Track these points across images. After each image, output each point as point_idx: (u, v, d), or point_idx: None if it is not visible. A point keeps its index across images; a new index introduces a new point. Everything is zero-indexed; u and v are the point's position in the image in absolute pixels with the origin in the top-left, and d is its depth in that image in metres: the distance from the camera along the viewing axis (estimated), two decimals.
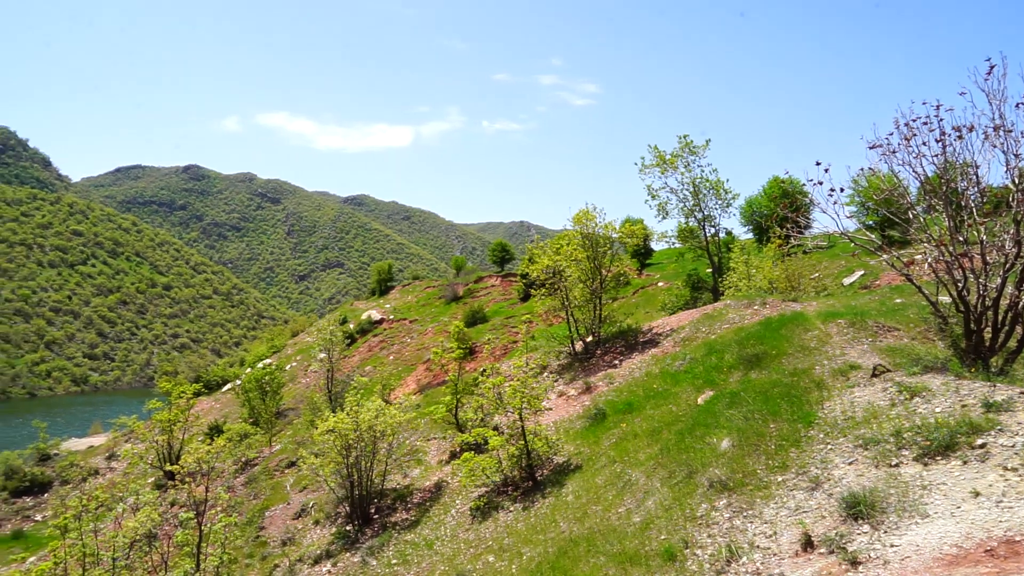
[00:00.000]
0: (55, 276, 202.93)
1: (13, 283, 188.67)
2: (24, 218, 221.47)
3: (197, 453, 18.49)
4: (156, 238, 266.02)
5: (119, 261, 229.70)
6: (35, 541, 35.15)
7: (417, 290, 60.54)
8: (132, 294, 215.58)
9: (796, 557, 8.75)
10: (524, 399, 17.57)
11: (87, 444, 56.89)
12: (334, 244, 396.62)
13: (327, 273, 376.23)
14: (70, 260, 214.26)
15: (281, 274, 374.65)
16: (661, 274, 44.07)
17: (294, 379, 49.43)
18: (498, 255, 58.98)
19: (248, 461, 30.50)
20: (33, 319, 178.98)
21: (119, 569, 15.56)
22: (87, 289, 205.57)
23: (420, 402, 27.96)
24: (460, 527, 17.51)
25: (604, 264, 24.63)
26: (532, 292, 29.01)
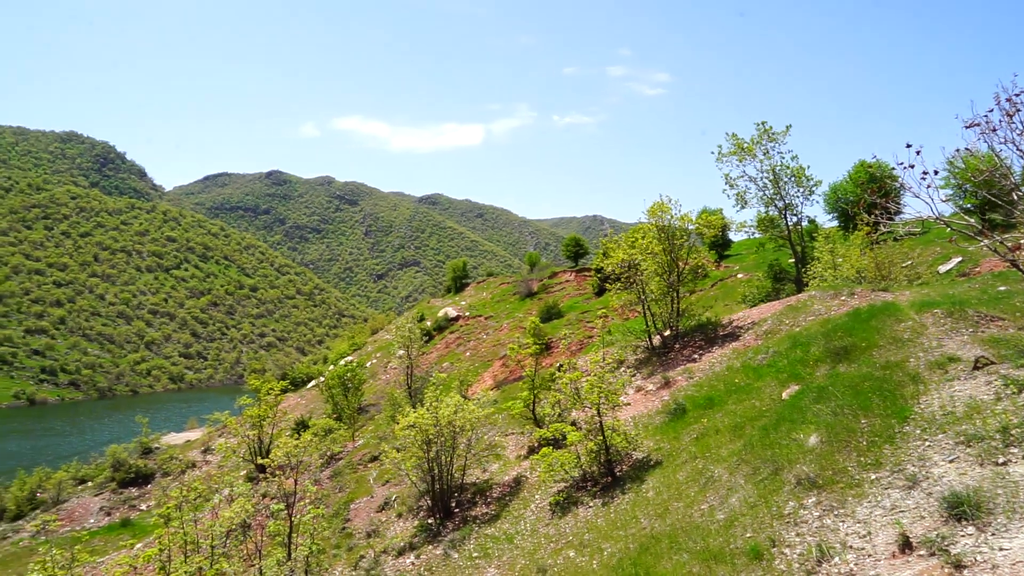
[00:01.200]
0: (152, 280, 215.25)
1: (116, 287, 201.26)
2: (124, 226, 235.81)
3: (286, 447, 19.20)
4: (242, 242, 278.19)
5: (209, 265, 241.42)
6: (141, 529, 37.42)
7: (492, 287, 61.01)
8: (222, 296, 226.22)
9: (893, 559, 8.35)
10: (602, 394, 17.43)
11: (184, 438, 60.14)
12: (410, 243, 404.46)
13: (404, 272, 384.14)
14: (165, 265, 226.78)
15: (360, 274, 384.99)
16: (740, 265, 42.86)
17: (374, 375, 50.70)
18: (572, 250, 58.69)
19: (333, 455, 31.49)
20: (134, 321, 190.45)
21: (217, 556, 16.35)
22: (181, 292, 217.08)
23: (497, 398, 28.18)
24: (540, 522, 17.55)
25: (681, 256, 24.14)
26: (607, 286, 28.76)
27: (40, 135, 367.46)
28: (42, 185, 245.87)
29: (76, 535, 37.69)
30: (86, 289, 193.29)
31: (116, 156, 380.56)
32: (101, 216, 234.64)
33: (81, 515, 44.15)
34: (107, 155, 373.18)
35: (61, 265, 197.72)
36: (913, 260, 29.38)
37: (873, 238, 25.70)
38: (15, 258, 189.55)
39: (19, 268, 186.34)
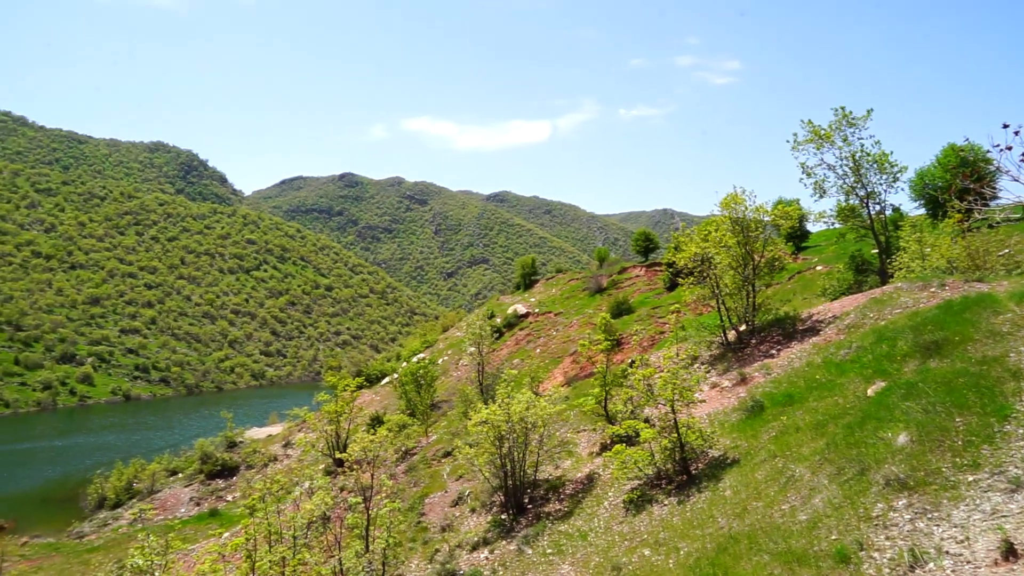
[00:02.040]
0: (234, 281, 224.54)
1: (201, 288, 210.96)
2: (207, 230, 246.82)
3: (362, 442, 19.67)
4: (318, 243, 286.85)
5: (287, 266, 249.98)
6: (227, 519, 39.12)
7: (561, 283, 60.83)
8: (299, 295, 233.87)
9: (995, 566, 7.86)
10: (676, 391, 17.12)
11: (266, 433, 62.47)
12: (479, 241, 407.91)
13: (473, 269, 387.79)
14: (246, 266, 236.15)
15: (430, 272, 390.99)
16: (819, 257, 41.30)
17: (446, 372, 51.36)
18: (641, 244, 57.90)
19: (408, 450, 32.10)
20: (218, 320, 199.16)
21: (299, 547, 16.92)
22: (261, 292, 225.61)
23: (568, 394, 28.08)
24: (614, 519, 17.40)
25: (756, 249, 23.42)
26: (679, 281, 28.20)
27: (131, 146, 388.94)
28: (133, 193, 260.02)
29: (169, 523, 39.72)
30: (174, 291, 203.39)
31: (199, 164, 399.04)
32: (186, 221, 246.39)
33: (173, 504, 46.52)
34: (191, 163, 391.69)
35: (151, 268, 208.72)
36: (1011, 248, 27.61)
37: (965, 226, 24.29)
38: (110, 263, 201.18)
39: (114, 272, 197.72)
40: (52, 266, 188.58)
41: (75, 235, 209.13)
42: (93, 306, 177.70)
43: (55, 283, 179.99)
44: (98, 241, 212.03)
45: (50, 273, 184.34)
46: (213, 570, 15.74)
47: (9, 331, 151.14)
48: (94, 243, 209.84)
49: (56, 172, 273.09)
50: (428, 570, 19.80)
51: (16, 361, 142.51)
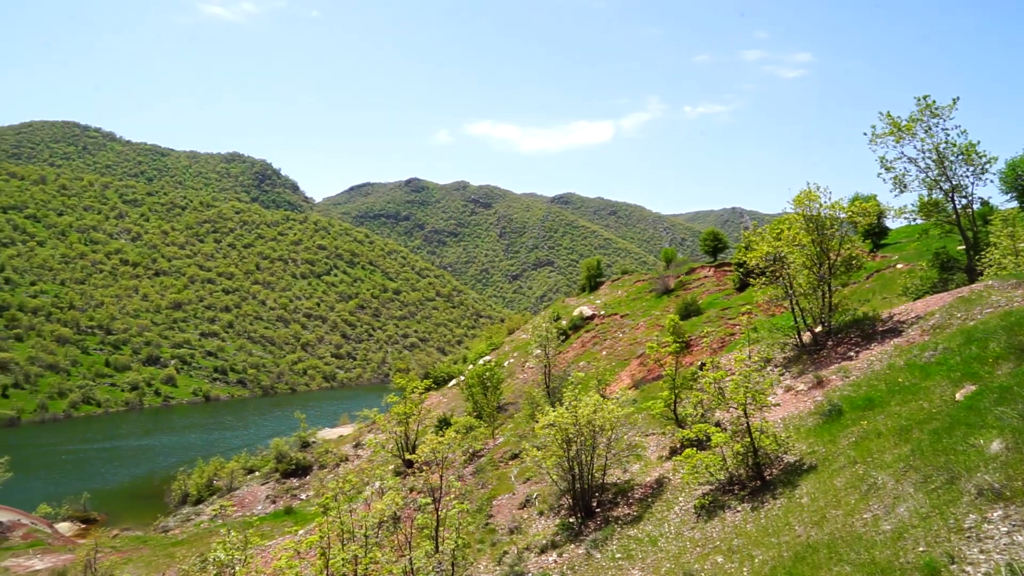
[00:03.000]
0: (306, 286, 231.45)
1: (275, 293, 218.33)
2: (280, 237, 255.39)
3: (431, 444, 19.89)
4: (385, 247, 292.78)
5: (356, 270, 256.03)
6: (302, 516, 40.26)
7: (627, 284, 60.15)
8: (368, 299, 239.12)
9: None
10: (748, 394, 16.66)
11: (337, 434, 64.04)
12: (543, 243, 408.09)
13: (538, 272, 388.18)
14: (317, 271, 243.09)
15: (495, 275, 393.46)
16: (900, 255, 39.49)
17: (512, 375, 51.50)
18: (710, 244, 56.64)
19: (475, 452, 32.31)
20: (291, 324, 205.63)
21: (371, 545, 17.21)
22: (331, 296, 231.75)
23: (636, 397, 27.71)
24: (684, 525, 17.06)
25: (832, 247, 22.57)
26: (750, 281, 27.42)
27: (209, 157, 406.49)
28: (211, 202, 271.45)
29: (248, 520, 41.20)
30: (250, 296, 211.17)
31: (272, 173, 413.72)
32: (261, 228, 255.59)
33: (250, 502, 48.21)
34: (265, 172, 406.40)
35: (228, 274, 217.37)
36: None
37: None
38: (191, 269, 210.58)
39: (194, 278, 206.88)
40: (138, 273, 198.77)
41: (159, 243, 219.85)
42: (175, 311, 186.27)
43: (141, 289, 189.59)
44: (179, 249, 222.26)
45: (136, 280, 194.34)
46: (289, 566, 16.19)
47: (100, 335, 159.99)
48: (176, 251, 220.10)
49: (141, 184, 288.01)
50: (496, 572, 19.86)
51: (106, 363, 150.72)
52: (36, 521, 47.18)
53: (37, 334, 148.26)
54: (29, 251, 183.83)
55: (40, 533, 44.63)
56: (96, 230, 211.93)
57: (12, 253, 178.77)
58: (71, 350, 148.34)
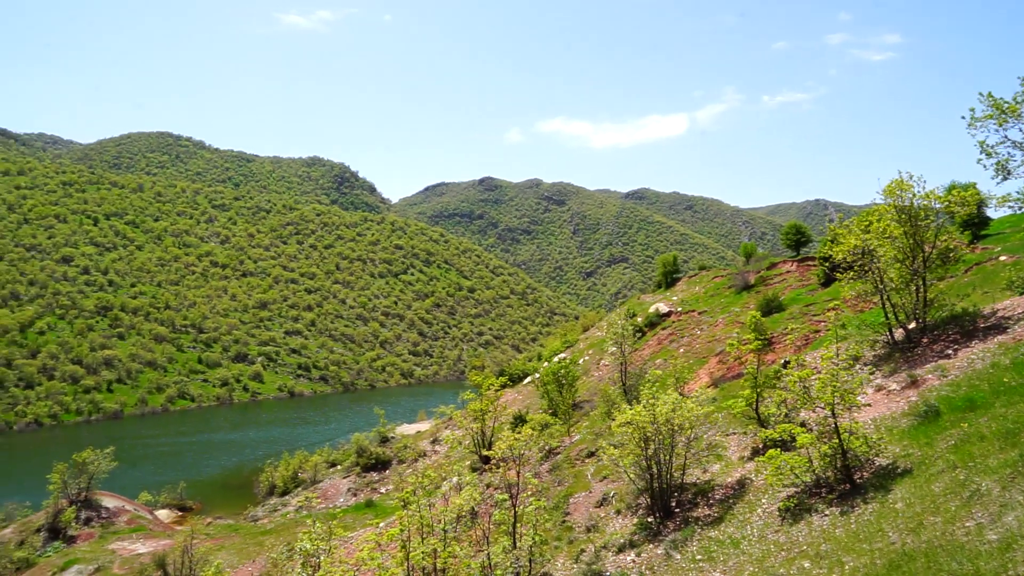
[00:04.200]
0: (384, 285, 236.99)
1: (354, 292, 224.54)
2: (359, 237, 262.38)
3: (508, 440, 20.00)
4: (460, 246, 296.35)
5: (431, 269, 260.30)
6: (382, 510, 41.25)
7: (704, 280, 58.79)
8: (443, 298, 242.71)
9: None
10: (836, 393, 15.98)
11: (415, 429, 65.27)
12: (617, 240, 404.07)
13: (612, 268, 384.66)
14: (394, 270, 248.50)
15: (569, 272, 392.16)
16: (1003, 246, 36.97)
17: (587, 372, 51.19)
18: (792, 238, 54.60)
19: (551, 450, 32.28)
20: (370, 322, 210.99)
21: (449, 540, 17.47)
22: (408, 295, 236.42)
23: (716, 396, 27.05)
24: (768, 528, 16.52)
25: (926, 239, 21.36)
26: (836, 276, 26.31)
27: (290, 162, 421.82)
28: (293, 205, 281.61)
29: (331, 512, 42.46)
30: (330, 295, 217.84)
31: (351, 175, 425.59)
32: (340, 229, 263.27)
33: (333, 494, 49.73)
34: (343, 175, 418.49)
35: (310, 274, 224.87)
36: None
37: None
38: (275, 270, 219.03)
39: (279, 278, 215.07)
40: (227, 274, 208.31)
41: (245, 245, 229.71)
42: (261, 310, 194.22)
43: (230, 290, 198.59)
44: (264, 250, 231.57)
45: (225, 281, 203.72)
46: (371, 557, 16.62)
47: (193, 333, 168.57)
48: (261, 252, 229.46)
49: (228, 189, 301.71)
50: (574, 570, 19.77)
51: (199, 360, 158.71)
52: (138, 507, 50.17)
53: (137, 333, 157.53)
54: (129, 255, 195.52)
55: (142, 519, 47.43)
56: (188, 234, 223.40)
57: (114, 257, 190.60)
58: (167, 348, 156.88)
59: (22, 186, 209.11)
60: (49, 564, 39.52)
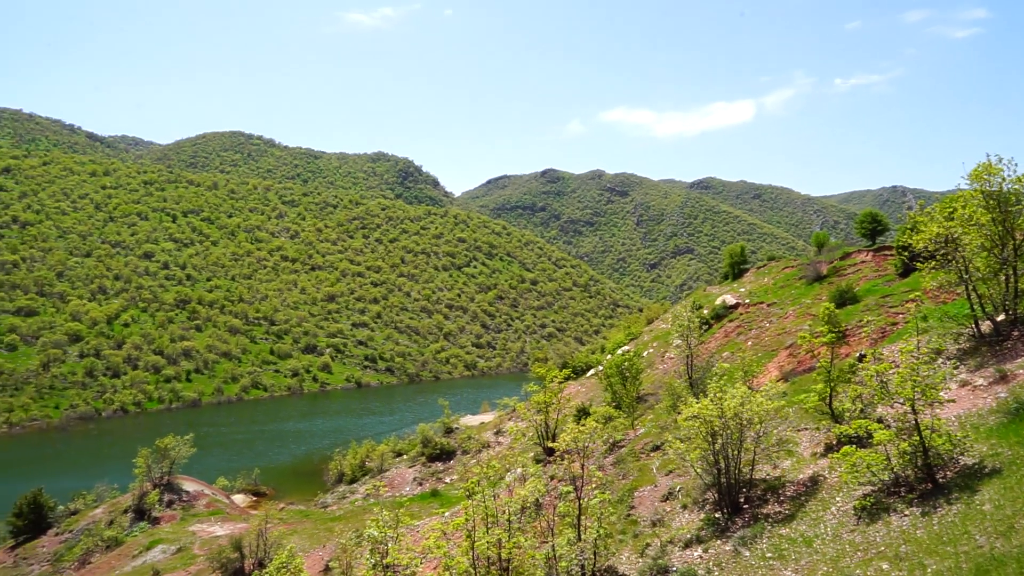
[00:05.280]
0: (447, 278, 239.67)
1: (418, 285, 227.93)
2: (423, 231, 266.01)
3: (572, 432, 19.91)
4: (522, 239, 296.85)
5: (494, 261, 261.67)
6: (447, 499, 41.82)
7: (773, 271, 57.13)
8: (506, 290, 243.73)
9: None
10: (916, 388, 15.25)
11: (479, 420, 65.89)
12: (682, 230, 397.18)
13: (677, 260, 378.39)
14: (457, 263, 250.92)
15: (632, 264, 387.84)
16: None
17: (652, 365, 50.56)
18: (867, 227, 52.40)
19: (615, 443, 32.02)
20: (434, 315, 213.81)
21: (514, 530, 17.54)
22: (471, 288, 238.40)
23: (786, 390, 26.25)
24: (843, 527, 15.95)
25: (1018, 226, 20.12)
26: (916, 266, 25.08)
27: (356, 157, 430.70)
28: (359, 200, 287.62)
29: (398, 500, 43.35)
30: (396, 288, 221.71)
31: (415, 169, 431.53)
32: (404, 223, 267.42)
33: (399, 483, 50.72)
34: (407, 169, 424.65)
35: (376, 268, 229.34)
36: None
37: None
38: (342, 264, 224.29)
39: (346, 272, 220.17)
40: (296, 268, 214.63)
41: (314, 240, 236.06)
42: (329, 303, 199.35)
43: (299, 283, 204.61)
44: (332, 245, 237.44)
45: (295, 274, 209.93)
46: (437, 546, 16.85)
47: (265, 325, 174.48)
48: (329, 246, 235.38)
49: (297, 185, 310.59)
50: (639, 564, 19.57)
51: (271, 351, 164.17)
52: (216, 492, 52.36)
53: (213, 325, 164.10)
54: (205, 250, 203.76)
55: (219, 503, 49.48)
56: (260, 229, 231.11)
57: (192, 252, 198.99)
58: (241, 339, 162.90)
59: (107, 186, 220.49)
60: (135, 543, 41.70)
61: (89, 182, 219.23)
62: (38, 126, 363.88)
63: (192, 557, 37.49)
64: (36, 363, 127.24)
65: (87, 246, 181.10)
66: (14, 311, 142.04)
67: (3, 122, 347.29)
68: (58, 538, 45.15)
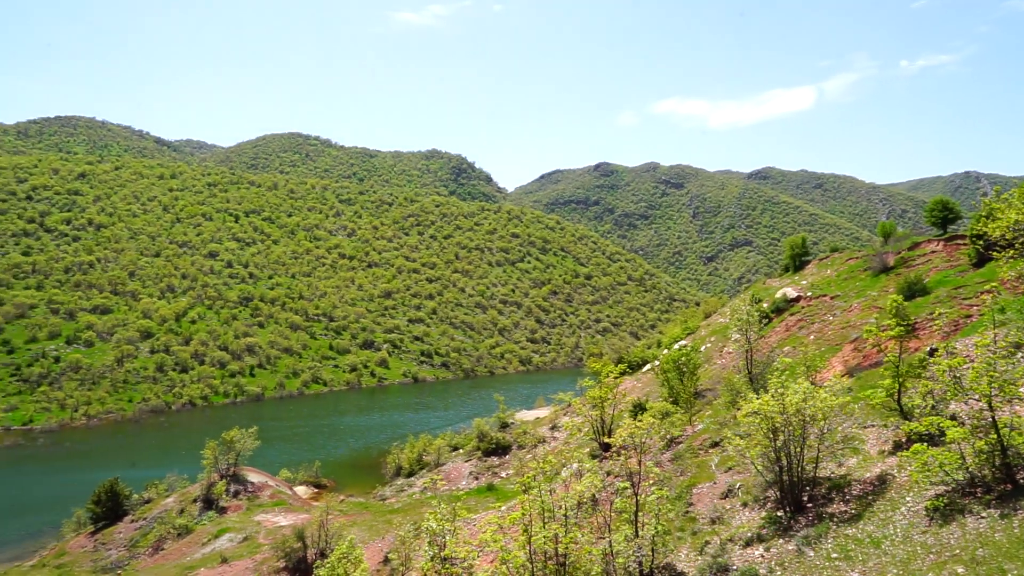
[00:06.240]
0: (501, 273, 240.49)
1: (472, 281, 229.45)
2: (476, 227, 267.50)
3: (629, 428, 19.69)
4: (576, 233, 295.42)
5: (548, 256, 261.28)
6: (503, 494, 41.99)
7: (837, 263, 55.29)
8: (560, 285, 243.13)
9: None
10: (994, 384, 14.53)
11: (534, 416, 65.93)
12: (740, 222, 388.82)
13: (735, 252, 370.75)
14: (511, 258, 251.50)
15: (689, 257, 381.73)
16: None
17: (709, 360, 49.64)
18: (938, 215, 50.05)
19: (673, 439, 31.57)
20: (488, 310, 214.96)
21: (571, 525, 17.46)
22: (525, 283, 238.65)
23: (851, 386, 25.38)
24: (914, 528, 15.34)
25: None
26: (992, 255, 23.92)
27: (410, 155, 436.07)
28: (414, 197, 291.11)
29: (454, 494, 43.79)
30: (451, 284, 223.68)
31: (468, 166, 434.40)
32: (459, 220, 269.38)
33: (455, 477, 51.21)
34: (461, 166, 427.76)
35: (431, 264, 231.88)
36: None
37: None
38: (398, 260, 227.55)
39: (401, 268, 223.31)
40: (354, 265, 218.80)
41: (370, 237, 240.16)
42: (386, 299, 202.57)
43: (356, 280, 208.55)
44: (388, 242, 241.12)
45: (352, 271, 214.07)
46: (494, 540, 16.90)
47: (324, 321, 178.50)
48: (385, 244, 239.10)
49: (354, 184, 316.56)
50: (698, 562, 19.24)
51: (330, 347, 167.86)
52: (279, 483, 53.90)
53: (275, 321, 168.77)
54: (266, 249, 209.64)
55: (282, 494, 50.93)
56: (318, 228, 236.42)
57: (254, 251, 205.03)
58: (302, 335, 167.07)
59: (174, 188, 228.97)
60: (204, 532, 43.29)
61: (157, 185, 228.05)
62: (110, 133, 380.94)
63: (257, 546, 38.69)
64: (111, 359, 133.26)
65: (156, 246, 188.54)
66: (91, 309, 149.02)
67: (79, 130, 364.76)
68: (133, 525, 47.24)
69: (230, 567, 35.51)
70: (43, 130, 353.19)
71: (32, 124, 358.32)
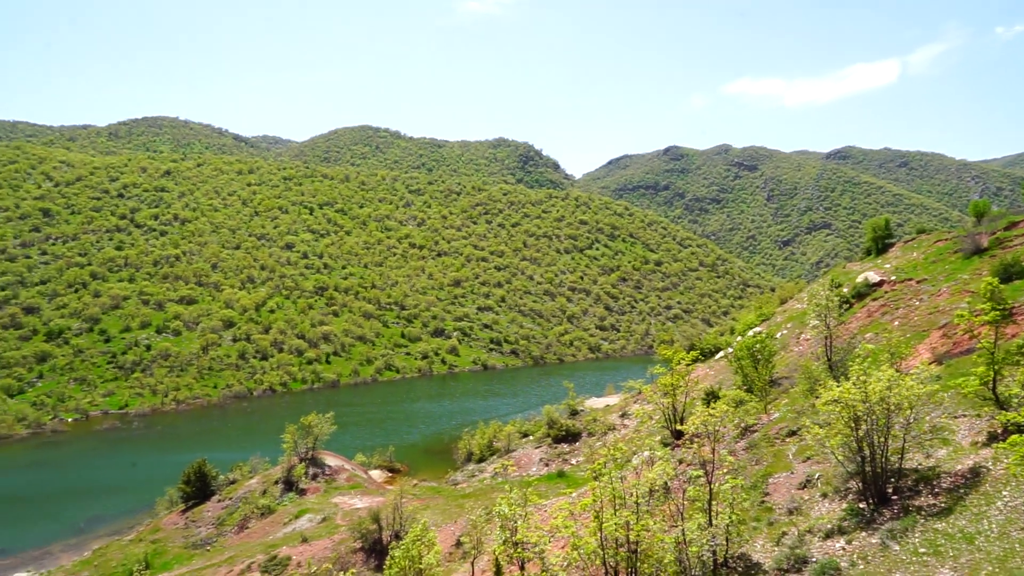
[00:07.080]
0: (569, 260, 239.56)
1: (541, 268, 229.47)
2: (544, 214, 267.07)
3: (702, 416, 19.31)
4: (645, 219, 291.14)
5: (616, 243, 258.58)
6: (573, 480, 41.98)
7: (923, 245, 52.55)
8: (629, 272, 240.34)
9: None
10: None
11: (604, 403, 65.54)
12: (818, 204, 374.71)
13: (812, 236, 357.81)
14: (579, 245, 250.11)
15: (763, 241, 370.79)
16: None
17: (785, 347, 48.16)
18: None
19: (747, 427, 30.81)
20: (557, 298, 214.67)
21: (642, 513, 17.29)
22: (594, 270, 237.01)
23: (940, 373, 24.12)
24: (1011, 524, 14.49)
25: None
26: None
27: (478, 144, 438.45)
28: (481, 186, 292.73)
29: (526, 480, 44.04)
30: (519, 271, 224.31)
31: (535, 154, 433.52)
32: (526, 207, 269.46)
33: (525, 463, 51.50)
34: (527, 154, 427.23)
35: (499, 252, 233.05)
36: None
37: None
38: (467, 249, 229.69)
39: (470, 257, 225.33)
40: (424, 255, 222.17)
41: (439, 227, 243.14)
42: (455, 288, 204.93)
43: (427, 269, 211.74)
44: (456, 231, 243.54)
45: (423, 261, 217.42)
46: (565, 525, 16.91)
47: (396, 310, 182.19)
48: (454, 233, 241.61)
49: (422, 174, 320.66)
50: (775, 553, 18.75)
51: (402, 335, 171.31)
52: (355, 467, 55.51)
53: (348, 310, 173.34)
54: (340, 240, 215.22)
55: (358, 477, 52.44)
56: (389, 218, 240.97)
57: (328, 242, 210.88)
58: (375, 324, 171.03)
59: (252, 183, 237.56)
60: (286, 512, 45.05)
61: (236, 180, 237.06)
62: (192, 131, 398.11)
63: (335, 527, 39.98)
64: (197, 347, 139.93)
65: (236, 239, 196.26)
66: (178, 300, 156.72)
67: (164, 130, 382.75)
68: (220, 504, 49.62)
69: (310, 546, 36.83)
70: (132, 130, 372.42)
71: (122, 125, 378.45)
